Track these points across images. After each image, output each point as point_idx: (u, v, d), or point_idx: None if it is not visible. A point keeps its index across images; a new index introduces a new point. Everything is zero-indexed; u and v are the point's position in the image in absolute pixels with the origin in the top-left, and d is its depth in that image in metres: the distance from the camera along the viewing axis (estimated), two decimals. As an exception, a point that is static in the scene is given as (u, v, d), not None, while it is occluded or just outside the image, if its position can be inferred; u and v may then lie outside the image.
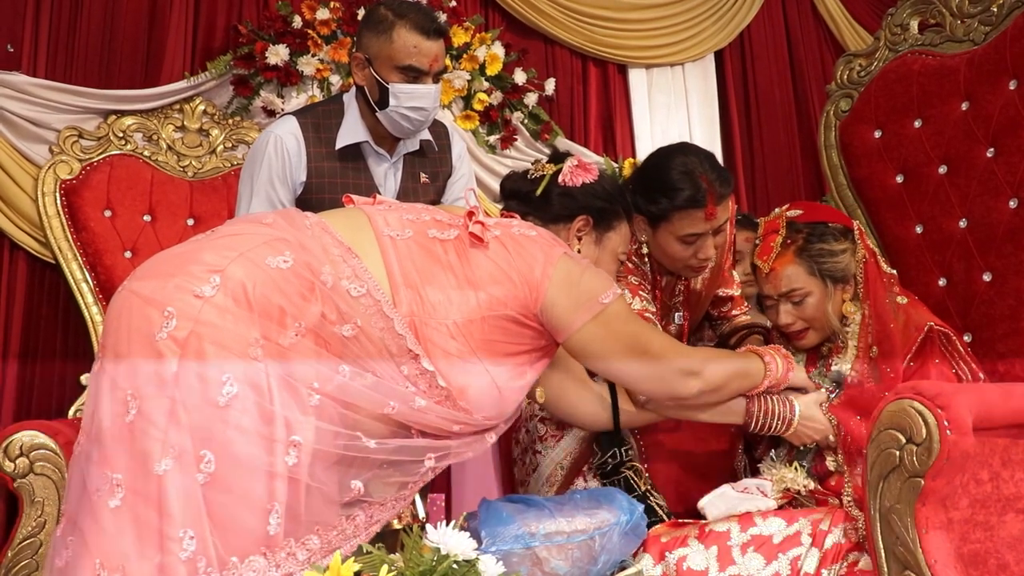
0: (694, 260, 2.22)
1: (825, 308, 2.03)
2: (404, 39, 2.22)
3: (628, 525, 1.85)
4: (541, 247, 1.71)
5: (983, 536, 1.66)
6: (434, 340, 1.60)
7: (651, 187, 2.19)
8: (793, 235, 2.05)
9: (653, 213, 2.19)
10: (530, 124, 3.83)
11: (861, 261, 2.04)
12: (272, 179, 2.29)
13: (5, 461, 2.17)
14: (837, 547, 1.80)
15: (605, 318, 1.70)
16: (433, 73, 2.27)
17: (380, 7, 2.28)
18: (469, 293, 1.63)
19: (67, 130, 3.01)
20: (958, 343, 1.98)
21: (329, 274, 1.55)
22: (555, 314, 1.67)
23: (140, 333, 1.43)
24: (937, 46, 2.39)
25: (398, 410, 1.56)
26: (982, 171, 2.24)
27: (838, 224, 2.08)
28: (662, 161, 2.22)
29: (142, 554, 1.35)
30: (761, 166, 4.36)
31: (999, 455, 1.68)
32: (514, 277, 1.65)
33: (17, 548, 2.18)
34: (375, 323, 1.57)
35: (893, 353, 1.94)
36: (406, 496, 1.64)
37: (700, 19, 4.26)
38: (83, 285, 2.88)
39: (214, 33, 3.40)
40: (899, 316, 1.98)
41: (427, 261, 1.64)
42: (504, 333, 1.66)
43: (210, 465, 1.38)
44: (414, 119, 2.28)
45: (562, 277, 1.67)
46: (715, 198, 2.13)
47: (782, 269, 2.04)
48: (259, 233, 1.58)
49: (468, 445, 1.69)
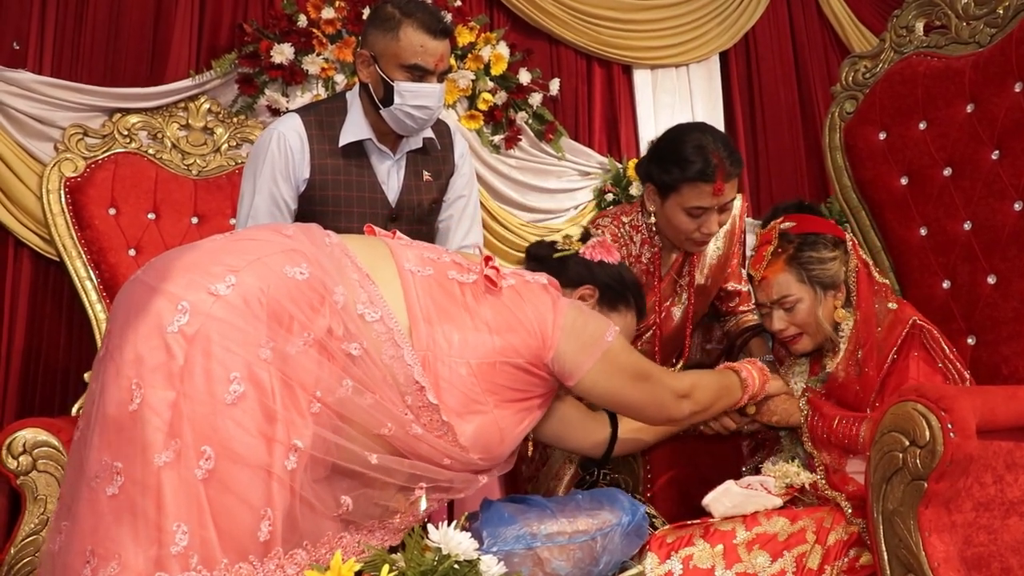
0: (697, 234, 2.32)
1: (816, 314, 2.08)
2: (410, 38, 2.22)
3: (630, 526, 1.86)
4: (549, 296, 1.78)
5: (987, 539, 1.66)
6: (445, 376, 1.64)
7: (665, 157, 2.29)
8: (784, 245, 2.11)
9: (664, 182, 2.29)
10: (534, 124, 3.83)
11: (853, 271, 2.09)
12: (275, 176, 2.29)
13: (8, 458, 2.18)
14: (839, 543, 1.83)
15: (611, 354, 1.78)
16: (438, 72, 2.27)
17: (387, 5, 2.28)
18: (485, 336, 1.68)
19: (72, 128, 3.01)
20: (942, 340, 2.00)
21: (342, 294, 1.57)
22: (566, 360, 1.74)
23: (150, 324, 1.44)
24: (942, 48, 2.38)
25: (394, 432, 1.58)
26: (987, 174, 2.23)
27: (829, 235, 2.14)
28: (679, 135, 2.33)
29: (138, 544, 1.35)
30: (765, 167, 4.36)
31: (1003, 458, 1.68)
32: (528, 326, 1.71)
33: (20, 545, 2.19)
34: (385, 350, 1.59)
35: (877, 352, 1.99)
36: (396, 528, 1.65)
37: (705, 20, 4.26)
38: (87, 283, 2.88)
39: (219, 32, 3.41)
40: (885, 320, 2.03)
41: (446, 300, 1.69)
42: (512, 379, 1.71)
43: (210, 462, 1.38)
44: (418, 118, 2.28)
45: (569, 325, 1.74)
46: (724, 175, 2.23)
47: (773, 277, 2.10)
48: (279, 242, 1.60)
49: (463, 482, 1.72)
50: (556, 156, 3.90)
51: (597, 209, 3.98)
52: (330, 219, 1.74)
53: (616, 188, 3.97)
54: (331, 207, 2.28)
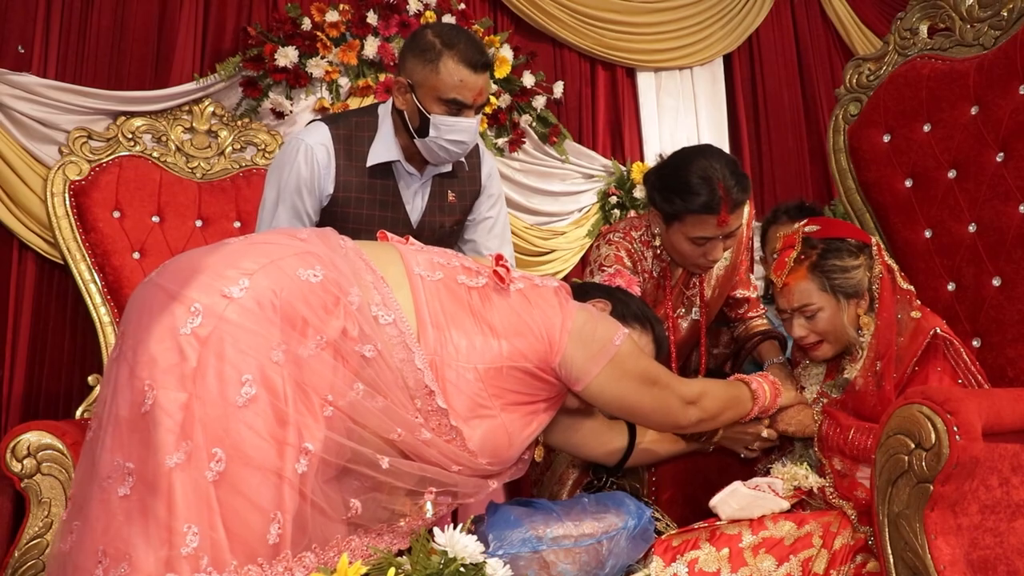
0: (702, 260, 2.28)
1: (838, 322, 2.04)
2: (451, 72, 2.15)
3: (636, 529, 1.85)
4: (558, 300, 1.77)
5: (993, 542, 1.65)
6: (453, 381, 1.63)
7: (668, 187, 2.23)
8: (808, 251, 2.05)
9: (668, 212, 2.24)
10: (538, 127, 3.83)
11: (877, 277, 2.04)
12: (300, 188, 2.26)
13: (12, 461, 2.18)
14: (846, 548, 1.83)
15: (619, 359, 1.76)
16: (476, 106, 2.22)
17: (428, 32, 2.21)
18: (492, 341, 1.68)
19: (76, 131, 3.02)
20: (964, 352, 1.97)
21: (357, 296, 1.57)
22: (574, 365, 1.73)
23: (164, 326, 1.44)
24: (947, 50, 2.38)
25: (403, 438, 1.58)
26: (992, 176, 2.23)
27: (854, 240, 2.08)
28: (683, 162, 2.24)
29: (148, 545, 1.35)
30: (769, 169, 4.37)
31: (1008, 460, 1.68)
32: (535, 331, 1.71)
33: (24, 548, 2.18)
34: (396, 353, 1.59)
35: (896, 365, 1.96)
36: (404, 531, 1.65)
37: (709, 23, 4.27)
38: (91, 286, 2.88)
39: (223, 35, 3.41)
40: (907, 329, 1.99)
41: (454, 305, 1.68)
42: (520, 383, 1.71)
43: (220, 464, 1.38)
44: (452, 151, 2.24)
45: (578, 330, 1.73)
46: (729, 206, 2.16)
47: (795, 284, 2.05)
48: (292, 246, 1.61)
49: (473, 487, 1.72)
50: (560, 159, 3.91)
51: (601, 212, 3.98)
52: (350, 235, 1.72)
53: (620, 191, 3.97)
54: (352, 224, 2.25)
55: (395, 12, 3.55)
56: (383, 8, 3.54)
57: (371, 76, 3.50)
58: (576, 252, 3.94)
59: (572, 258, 3.93)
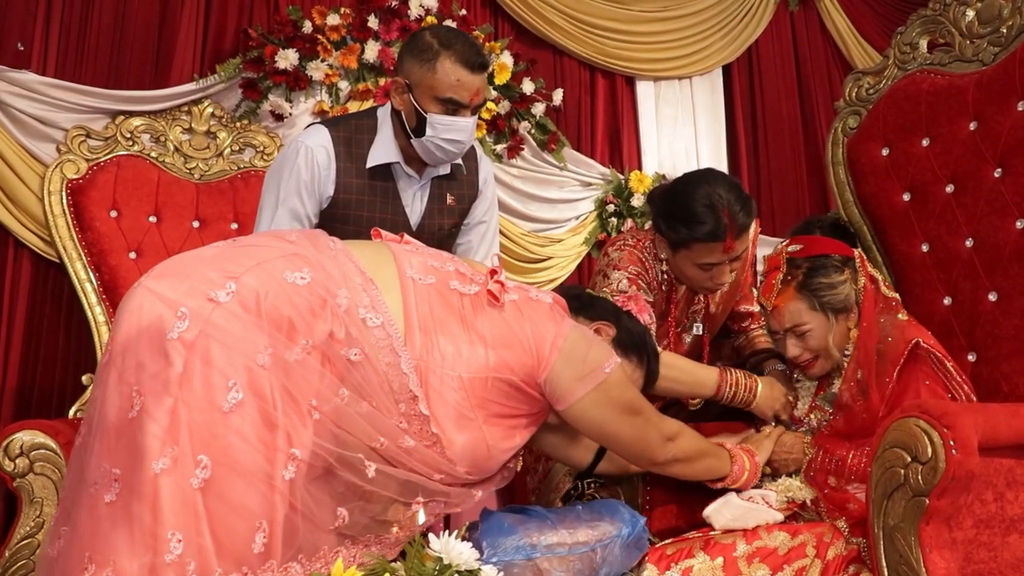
0: (709, 283, 2.28)
1: (830, 338, 2.08)
2: (447, 71, 2.17)
3: (630, 537, 1.85)
4: (552, 317, 1.74)
5: (987, 556, 1.65)
6: (436, 388, 1.62)
7: (673, 214, 2.22)
8: (793, 271, 2.10)
9: (673, 240, 2.23)
10: (537, 134, 3.84)
11: (861, 288, 2.09)
12: (300, 191, 2.26)
13: (5, 460, 2.17)
14: (839, 558, 1.83)
15: (606, 386, 1.73)
16: (473, 106, 2.23)
17: (425, 33, 2.24)
18: (479, 350, 1.66)
19: (75, 129, 3.01)
20: (949, 364, 1.99)
21: (345, 297, 1.56)
22: (559, 384, 1.70)
23: (152, 331, 1.43)
24: (946, 65, 2.39)
25: (386, 446, 1.57)
26: (989, 191, 2.24)
27: (838, 255, 2.12)
28: (687, 189, 2.23)
29: (133, 551, 1.34)
30: (767, 181, 4.38)
31: (1004, 475, 1.68)
32: (524, 344, 1.68)
33: (15, 548, 2.18)
34: (383, 356, 1.58)
35: (877, 372, 1.98)
36: (393, 541, 1.63)
37: (708, 33, 4.28)
38: (87, 285, 2.88)
39: (224, 36, 3.41)
40: (892, 331, 2.01)
41: (444, 311, 1.67)
42: (503, 396, 1.68)
43: (206, 471, 1.37)
44: (449, 151, 2.25)
45: (569, 349, 1.70)
46: (735, 232, 2.16)
47: (784, 306, 2.09)
48: (280, 248, 1.60)
49: (457, 495, 1.71)
50: (558, 166, 3.91)
51: (598, 220, 3.98)
52: (350, 237, 1.71)
53: (617, 199, 3.97)
54: (352, 226, 2.25)
55: (396, 16, 3.56)
56: (384, 12, 3.54)
57: (371, 80, 3.51)
58: (573, 260, 3.94)
59: (568, 265, 3.93)
